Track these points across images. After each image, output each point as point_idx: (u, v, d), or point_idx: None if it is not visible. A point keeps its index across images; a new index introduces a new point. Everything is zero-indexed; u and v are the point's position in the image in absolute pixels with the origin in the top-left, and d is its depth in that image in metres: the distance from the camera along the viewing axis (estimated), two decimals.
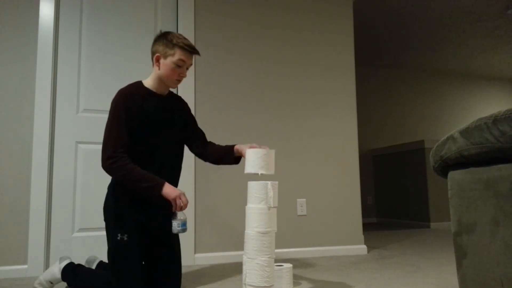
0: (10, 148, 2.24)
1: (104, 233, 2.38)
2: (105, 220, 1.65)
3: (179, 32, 2.61)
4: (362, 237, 2.83)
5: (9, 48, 2.29)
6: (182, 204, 1.52)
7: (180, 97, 1.85)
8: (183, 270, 2.22)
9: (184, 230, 1.53)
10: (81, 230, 2.35)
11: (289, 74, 2.83)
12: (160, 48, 1.61)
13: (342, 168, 2.85)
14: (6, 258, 2.16)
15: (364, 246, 2.81)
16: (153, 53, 1.65)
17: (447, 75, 6.56)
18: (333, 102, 2.90)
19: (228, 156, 1.75)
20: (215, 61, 2.67)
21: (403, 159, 5.26)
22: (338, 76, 2.93)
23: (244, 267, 1.48)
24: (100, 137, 2.41)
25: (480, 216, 0.88)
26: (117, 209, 1.60)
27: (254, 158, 1.52)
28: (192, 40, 2.59)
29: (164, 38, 1.62)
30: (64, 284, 1.80)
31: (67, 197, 2.34)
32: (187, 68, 1.66)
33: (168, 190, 1.52)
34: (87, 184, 2.38)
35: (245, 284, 1.46)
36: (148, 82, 1.67)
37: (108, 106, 2.46)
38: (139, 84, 1.67)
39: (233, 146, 1.74)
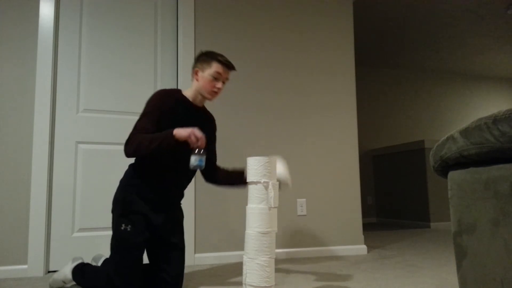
0: (10, 148, 2.24)
1: (104, 233, 2.39)
2: (112, 212, 1.69)
3: (179, 31, 2.63)
4: (362, 237, 2.82)
5: (9, 48, 2.29)
6: (194, 139, 1.51)
7: (213, 116, 1.91)
8: None
9: (200, 166, 1.53)
10: (81, 230, 2.35)
11: (289, 74, 2.83)
12: (199, 63, 1.75)
13: (342, 168, 2.85)
14: (6, 258, 2.16)
15: (364, 246, 2.81)
16: (193, 69, 1.78)
17: (447, 75, 6.56)
18: (333, 102, 2.90)
19: (240, 179, 1.75)
20: None
21: (403, 159, 5.26)
22: (338, 76, 2.93)
23: (244, 267, 1.48)
24: (100, 137, 2.44)
25: (480, 216, 0.88)
26: (125, 201, 1.66)
27: (256, 166, 1.49)
28: (192, 40, 2.60)
29: (204, 55, 1.76)
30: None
31: (67, 197, 2.34)
32: (224, 82, 1.75)
33: (179, 132, 1.51)
34: (87, 184, 2.38)
35: (245, 284, 1.47)
36: (187, 92, 1.78)
37: (108, 106, 2.49)
38: (178, 90, 1.79)
39: (242, 171, 1.75)
